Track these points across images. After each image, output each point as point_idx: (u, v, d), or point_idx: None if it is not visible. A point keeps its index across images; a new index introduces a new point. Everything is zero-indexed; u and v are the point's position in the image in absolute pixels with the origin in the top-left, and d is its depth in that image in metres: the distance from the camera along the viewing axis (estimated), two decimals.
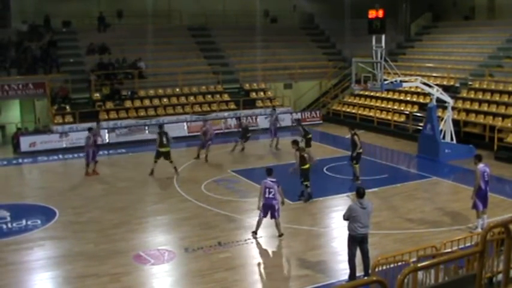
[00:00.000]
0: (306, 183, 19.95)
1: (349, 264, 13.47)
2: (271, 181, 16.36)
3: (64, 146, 29.67)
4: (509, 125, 27.14)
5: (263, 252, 15.85)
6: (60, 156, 28.48)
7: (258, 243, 16.35)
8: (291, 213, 18.92)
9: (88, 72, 34.97)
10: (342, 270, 13.96)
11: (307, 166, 19.97)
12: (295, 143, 20.69)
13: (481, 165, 16.85)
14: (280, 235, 16.53)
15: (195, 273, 14.29)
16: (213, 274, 14.16)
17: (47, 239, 16.92)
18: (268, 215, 16.43)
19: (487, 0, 40.79)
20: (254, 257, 15.59)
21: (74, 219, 18.71)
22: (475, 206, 16.81)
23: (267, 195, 16.25)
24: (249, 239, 16.56)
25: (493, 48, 35.13)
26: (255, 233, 16.69)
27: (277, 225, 16.59)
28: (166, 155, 23.90)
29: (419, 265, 6.48)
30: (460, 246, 11.65)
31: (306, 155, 20.10)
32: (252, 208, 19.50)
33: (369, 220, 13.39)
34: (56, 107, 32.30)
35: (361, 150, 22.34)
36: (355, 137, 22.22)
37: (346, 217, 13.34)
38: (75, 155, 28.34)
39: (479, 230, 16.01)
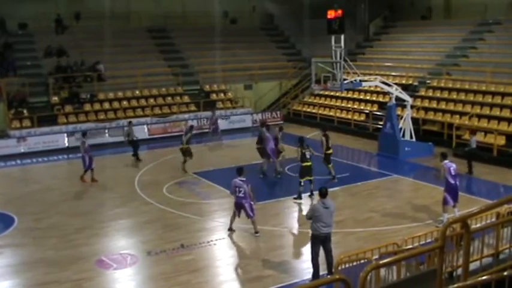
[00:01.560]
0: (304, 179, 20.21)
1: (312, 263, 13.51)
2: (241, 180, 16.44)
3: (22, 151, 29.15)
4: (466, 122, 27.57)
5: (226, 254, 15.82)
6: (18, 161, 27.98)
7: (221, 245, 16.32)
8: None
9: (46, 76, 34.48)
10: (306, 270, 14.01)
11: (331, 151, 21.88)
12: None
13: (446, 162, 17.60)
14: (256, 232, 16.66)
15: (159, 277, 14.20)
16: (177, 277, 14.09)
17: (5, 247, 16.61)
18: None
19: (443, 1, 41.39)
20: (217, 258, 15.56)
21: (33, 225, 18.41)
22: (445, 201, 17.32)
23: (237, 194, 16.42)
24: (211, 240, 16.53)
25: (449, 47, 35.66)
26: (230, 229, 16.94)
27: (253, 223, 16.72)
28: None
29: (381, 262, 6.53)
30: (421, 242, 11.77)
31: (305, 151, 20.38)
32: (214, 210, 19.53)
33: (332, 219, 13.46)
34: (13, 111, 31.72)
35: (330, 151, 22.61)
36: (323, 138, 22.51)
37: (309, 217, 13.40)
38: (34, 160, 27.92)
39: (444, 220, 16.64)
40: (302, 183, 20.07)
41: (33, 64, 35.70)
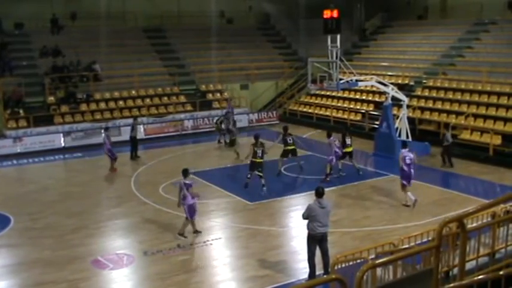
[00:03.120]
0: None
1: (308, 263, 13.52)
2: (185, 183, 16.49)
3: (18, 151, 29.09)
4: (462, 122, 27.62)
5: (223, 254, 15.83)
6: (15, 161, 27.92)
7: (217, 245, 16.33)
8: (249, 213, 18.99)
9: (42, 76, 34.41)
10: (302, 269, 14.02)
11: (349, 149, 22.90)
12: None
13: (404, 151, 19.32)
14: (195, 231, 16.79)
15: (155, 277, 14.20)
16: (173, 277, 14.09)
17: (2, 247, 16.61)
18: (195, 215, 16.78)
19: (439, 0, 41.45)
20: (214, 258, 15.57)
21: (29, 225, 18.39)
22: (403, 186, 19.24)
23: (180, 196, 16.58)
24: (208, 240, 16.53)
25: (445, 47, 35.71)
26: (181, 234, 16.73)
27: (191, 224, 16.78)
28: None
29: (377, 262, 6.53)
30: (417, 242, 11.78)
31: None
32: (210, 210, 19.51)
33: (328, 219, 13.47)
34: (9, 111, 31.66)
35: (349, 149, 23.48)
36: (339, 135, 23.53)
37: (305, 216, 13.40)
38: (30, 160, 27.88)
39: (413, 198, 18.83)
40: (249, 176, 21.27)
41: (29, 64, 35.60)
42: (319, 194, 13.31)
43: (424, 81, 33.04)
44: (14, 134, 30.11)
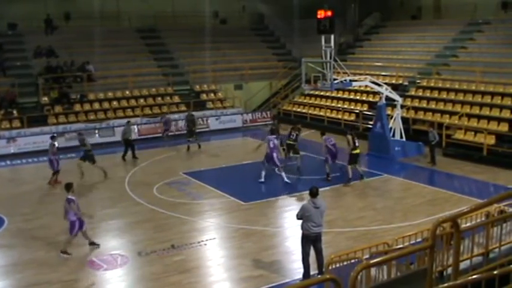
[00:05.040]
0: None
1: (303, 263, 13.53)
2: (67, 198, 15.83)
3: (12, 151, 29.02)
4: (456, 121, 27.67)
5: (217, 254, 15.82)
6: (8, 162, 27.85)
7: (211, 245, 16.31)
8: (243, 214, 18.98)
9: (35, 76, 34.33)
10: (296, 270, 14.02)
11: (357, 151, 22.46)
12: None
13: (325, 137, 23.03)
14: (62, 252, 15.69)
15: (149, 277, 14.18)
16: (168, 277, 14.07)
17: None
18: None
19: (433, 0, 41.52)
20: (208, 258, 15.56)
21: (23, 226, 18.33)
22: (326, 160, 22.82)
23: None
24: (202, 241, 16.51)
25: (439, 47, 35.78)
26: (92, 243, 16.18)
27: (66, 240, 15.87)
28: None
29: (371, 262, 6.53)
30: (411, 242, 11.80)
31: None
32: (205, 210, 19.52)
33: (322, 219, 13.48)
34: (3, 112, 31.56)
35: (356, 151, 22.69)
36: (349, 137, 22.79)
37: (299, 216, 13.40)
38: (24, 161, 27.81)
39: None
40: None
41: (23, 64, 35.52)
42: (313, 194, 13.31)
43: (418, 81, 33.09)
44: (8, 135, 30.02)
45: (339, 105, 34.91)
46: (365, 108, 33.24)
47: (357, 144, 22.66)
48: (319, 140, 23.41)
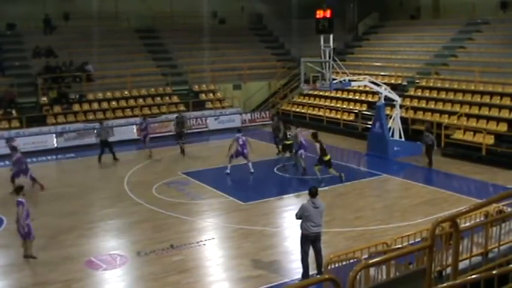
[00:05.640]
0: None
1: (302, 263, 13.53)
2: (17, 200, 15.41)
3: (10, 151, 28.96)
4: (455, 121, 27.67)
5: (216, 254, 15.81)
6: (7, 162, 27.76)
7: (210, 245, 16.31)
8: (242, 214, 18.98)
9: (34, 76, 34.30)
10: (295, 270, 14.02)
11: (328, 157, 21.71)
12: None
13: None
14: (25, 256, 15.39)
15: (148, 277, 14.17)
16: (167, 277, 14.06)
17: None
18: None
19: (432, 0, 41.54)
20: (207, 258, 15.55)
21: None
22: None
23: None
24: (201, 240, 16.51)
25: (438, 47, 35.79)
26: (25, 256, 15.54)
27: (24, 246, 15.49)
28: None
29: (370, 262, 6.53)
30: (410, 242, 11.80)
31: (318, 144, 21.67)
32: (204, 210, 19.52)
33: (322, 219, 13.47)
34: (2, 112, 31.53)
35: (327, 157, 22.22)
36: (316, 144, 22.16)
37: (299, 216, 13.40)
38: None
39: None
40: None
41: (22, 64, 35.49)
42: (313, 193, 13.32)
43: (417, 81, 33.09)
44: (7, 135, 29.98)
45: (338, 105, 34.90)
46: (364, 108, 33.23)
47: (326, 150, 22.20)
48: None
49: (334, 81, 25.47)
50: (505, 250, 9.66)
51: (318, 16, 25.04)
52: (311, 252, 13.52)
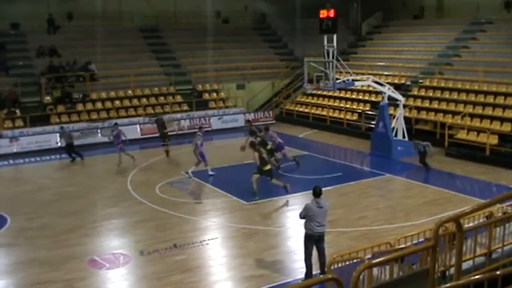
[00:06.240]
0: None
1: (305, 262, 13.51)
2: None
3: (14, 150, 29.04)
4: (459, 121, 27.64)
5: (219, 253, 15.81)
6: (11, 161, 27.87)
7: (213, 245, 16.31)
8: (245, 213, 18.97)
9: (38, 75, 34.36)
10: (298, 269, 14.01)
11: (268, 167, 20.09)
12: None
13: (270, 132, 23.33)
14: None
15: (151, 276, 14.17)
16: (170, 276, 14.06)
17: None
18: None
19: (435, 0, 41.51)
20: (210, 258, 15.54)
21: (25, 225, 18.33)
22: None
23: None
24: (204, 240, 16.51)
25: (442, 46, 35.75)
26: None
27: None
28: None
29: (373, 261, 6.53)
30: (414, 242, 11.79)
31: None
32: (207, 209, 19.52)
33: (326, 219, 13.46)
34: (6, 111, 31.59)
35: (267, 167, 20.36)
36: (255, 154, 20.64)
37: (303, 216, 13.38)
38: (26, 160, 27.83)
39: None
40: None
41: (26, 64, 35.57)
42: (317, 193, 13.29)
43: (421, 80, 33.07)
44: (11, 134, 30.04)
45: (342, 105, 34.90)
46: (367, 108, 33.23)
47: (266, 159, 20.23)
48: (323, 140, 23.30)
49: (338, 81, 25.45)
50: (508, 250, 9.63)
51: (321, 16, 25.01)
52: (314, 252, 13.50)
